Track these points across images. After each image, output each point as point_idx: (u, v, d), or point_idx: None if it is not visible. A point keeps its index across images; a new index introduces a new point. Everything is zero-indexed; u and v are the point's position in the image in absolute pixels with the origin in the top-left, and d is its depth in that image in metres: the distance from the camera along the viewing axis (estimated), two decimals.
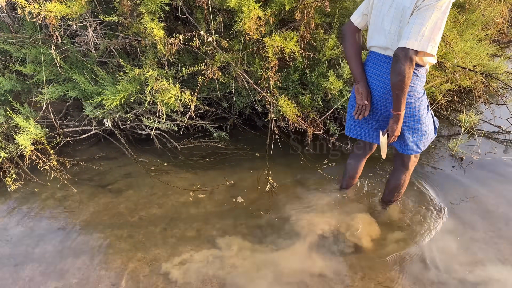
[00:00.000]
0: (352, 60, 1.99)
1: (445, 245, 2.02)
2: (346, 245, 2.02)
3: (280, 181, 2.50)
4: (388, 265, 1.90)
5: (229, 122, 3.05)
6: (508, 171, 2.57)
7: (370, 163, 2.49)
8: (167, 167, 2.68)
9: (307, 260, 1.94)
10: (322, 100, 2.89)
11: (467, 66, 3.29)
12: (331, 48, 2.85)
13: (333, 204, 2.31)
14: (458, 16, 3.87)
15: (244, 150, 2.84)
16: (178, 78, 2.85)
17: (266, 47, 2.65)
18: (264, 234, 2.11)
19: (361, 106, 1.99)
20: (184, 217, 2.25)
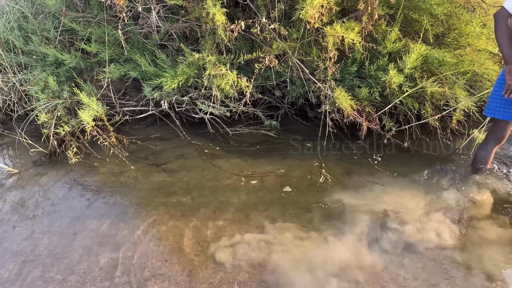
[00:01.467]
0: (505, 43, 2.15)
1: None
2: (400, 241, 1.97)
3: (331, 173, 2.47)
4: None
5: (281, 111, 3.04)
6: None
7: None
8: (219, 152, 2.72)
9: (358, 254, 1.90)
10: (379, 95, 2.81)
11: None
12: (393, 41, 2.75)
13: (384, 198, 2.25)
14: None
15: (295, 140, 2.82)
16: (234, 65, 2.87)
17: (326, 37, 2.61)
18: (313, 224, 2.10)
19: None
20: (234, 201, 2.28)
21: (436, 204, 2.21)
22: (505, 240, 1.96)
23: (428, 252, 1.90)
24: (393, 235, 2.02)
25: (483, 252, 1.89)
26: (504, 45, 2.16)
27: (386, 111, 2.84)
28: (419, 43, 2.63)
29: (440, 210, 2.16)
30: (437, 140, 2.78)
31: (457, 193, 2.29)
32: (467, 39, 2.86)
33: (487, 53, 2.83)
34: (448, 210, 2.16)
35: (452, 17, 2.90)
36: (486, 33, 2.87)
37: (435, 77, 2.65)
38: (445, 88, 2.77)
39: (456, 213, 2.14)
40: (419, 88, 2.72)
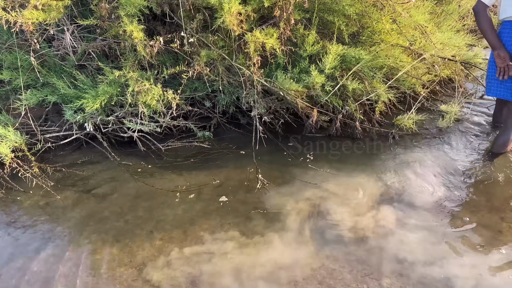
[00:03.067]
0: (489, 31, 2.44)
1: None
2: (336, 235, 2.03)
3: (267, 178, 2.49)
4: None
5: (213, 121, 3.03)
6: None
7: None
8: (152, 169, 2.65)
9: (297, 254, 1.93)
10: (306, 96, 2.89)
11: (446, 56, 3.34)
12: (311, 44, 2.85)
13: (319, 194, 2.31)
14: (435, 7, 3.92)
15: (229, 148, 2.82)
16: (159, 79, 2.82)
17: (248, 44, 2.64)
18: (254, 230, 2.10)
19: (504, 67, 2.46)
20: (171, 219, 2.23)
21: (369, 197, 2.31)
22: (426, 226, 2.08)
23: (362, 243, 1.97)
24: (330, 230, 2.07)
25: (412, 240, 2.00)
26: (488, 33, 2.46)
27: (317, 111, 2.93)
28: (334, 43, 2.74)
29: (374, 202, 2.26)
30: (365, 133, 2.90)
31: (389, 183, 2.41)
32: (380, 36, 3.04)
33: (399, 48, 3.02)
34: (381, 201, 2.27)
35: (364, 16, 3.06)
36: (396, 29, 3.06)
37: (350, 73, 2.77)
38: (365, 84, 2.92)
39: (388, 204, 2.24)
40: (339, 86, 2.84)
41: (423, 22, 3.34)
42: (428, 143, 2.78)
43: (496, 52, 2.49)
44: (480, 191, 2.29)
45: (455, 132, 2.88)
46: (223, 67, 2.80)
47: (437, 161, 2.57)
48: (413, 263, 1.84)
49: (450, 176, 2.42)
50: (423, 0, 3.61)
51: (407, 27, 3.21)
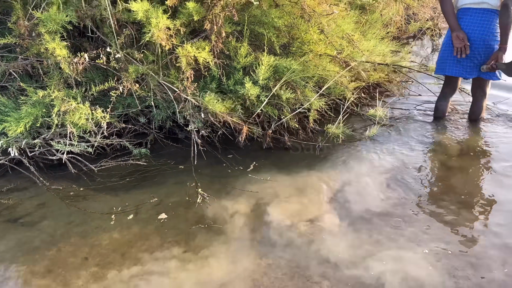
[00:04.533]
0: (450, 14, 2.83)
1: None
2: (278, 241, 2.04)
3: (208, 191, 2.47)
4: None
5: (149, 138, 2.96)
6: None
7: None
8: (84, 192, 2.52)
9: (240, 265, 1.92)
10: (242, 107, 2.92)
11: (375, 61, 3.53)
12: (244, 56, 2.89)
13: (258, 202, 2.33)
14: (360, 17, 4.14)
15: (167, 164, 2.76)
16: (88, 97, 2.71)
17: (179, 58, 2.62)
18: (195, 246, 2.07)
19: (461, 47, 2.81)
20: (107, 243, 2.13)
21: (310, 201, 2.36)
22: (363, 228, 2.17)
23: (304, 247, 2.01)
24: (272, 237, 2.09)
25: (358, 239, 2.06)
26: (450, 17, 2.83)
27: (252, 121, 2.96)
28: (265, 55, 2.80)
29: (315, 206, 2.31)
30: (302, 139, 2.96)
31: (327, 188, 2.48)
32: (309, 46, 3.14)
33: (327, 57, 3.14)
34: (321, 205, 2.32)
35: (294, 28, 3.16)
36: (323, 39, 3.19)
37: (280, 83, 2.83)
38: (298, 93, 3.01)
39: (329, 207, 2.30)
40: (272, 96, 2.90)
41: (350, 31, 3.52)
42: (359, 147, 2.90)
43: (455, 34, 2.83)
44: (415, 190, 2.42)
45: (386, 134, 3.03)
46: (155, 82, 2.75)
47: (372, 163, 2.69)
48: (341, 265, 1.90)
49: (385, 176, 2.55)
50: (347, 10, 3.80)
51: (335, 36, 3.36)
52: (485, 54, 2.84)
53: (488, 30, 2.79)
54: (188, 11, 2.68)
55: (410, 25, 4.70)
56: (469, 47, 2.82)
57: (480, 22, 2.79)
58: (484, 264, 1.82)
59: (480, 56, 2.85)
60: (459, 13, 2.90)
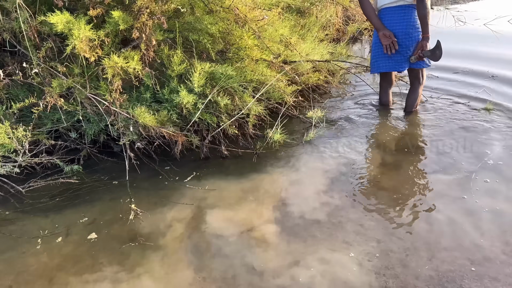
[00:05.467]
0: (373, 16, 3.02)
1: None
2: (219, 252, 2.00)
3: (143, 206, 2.39)
4: None
5: (82, 153, 2.83)
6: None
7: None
8: (12, 216, 2.37)
9: (177, 280, 1.87)
10: (179, 116, 2.86)
11: (313, 59, 3.57)
12: (178, 64, 2.83)
13: (196, 214, 2.28)
14: (297, 20, 4.19)
15: (101, 180, 2.65)
16: (12, 115, 2.55)
17: (106, 69, 2.52)
18: (129, 265, 1.99)
19: (389, 44, 3.00)
20: (34, 268, 2.00)
21: (247, 209, 2.33)
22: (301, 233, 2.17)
23: (237, 257, 1.98)
24: (207, 248, 2.04)
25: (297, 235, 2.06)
26: (373, 18, 3.02)
27: (191, 129, 2.91)
28: (196, 62, 2.76)
29: (253, 214, 2.29)
30: (243, 146, 2.94)
31: (267, 191, 2.46)
32: (245, 52, 3.13)
33: (264, 62, 3.14)
34: (259, 212, 2.30)
35: (229, 34, 3.13)
36: (258, 44, 3.19)
37: (215, 90, 2.80)
38: (236, 99, 2.98)
39: (268, 214, 2.29)
40: (210, 103, 2.86)
41: (286, 35, 3.55)
42: (297, 150, 2.91)
43: (381, 33, 3.02)
44: (350, 191, 2.45)
45: (325, 135, 3.07)
46: (83, 95, 2.64)
47: (310, 166, 2.71)
48: (268, 274, 1.89)
49: (322, 179, 2.56)
50: (282, 15, 3.83)
51: (271, 41, 3.37)
52: (412, 46, 3.05)
53: (409, 23, 3.00)
54: (114, 20, 2.59)
55: (349, 26, 4.81)
56: (396, 43, 3.03)
57: (401, 18, 3.00)
58: (413, 260, 1.86)
59: (408, 49, 3.05)
60: (381, 13, 3.09)
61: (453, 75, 4.04)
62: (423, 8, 2.86)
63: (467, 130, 2.98)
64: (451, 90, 3.72)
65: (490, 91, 3.60)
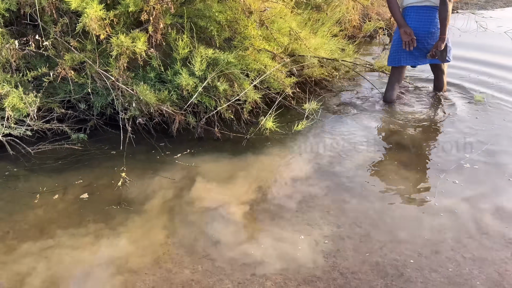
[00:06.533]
0: (397, 12, 3.22)
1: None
2: (192, 221, 2.19)
3: (136, 175, 2.61)
4: None
5: (90, 123, 3.08)
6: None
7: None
8: (18, 172, 2.65)
9: (148, 242, 2.07)
10: (181, 96, 3.05)
11: (320, 56, 3.67)
12: (183, 48, 3.02)
13: (180, 187, 2.47)
14: (312, 15, 4.28)
15: (101, 149, 2.90)
16: (30, 83, 2.83)
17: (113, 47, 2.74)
18: (114, 223, 2.21)
19: (409, 41, 3.21)
20: (30, 219, 2.26)
21: (227, 189, 2.51)
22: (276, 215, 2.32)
23: (206, 228, 2.16)
24: (183, 218, 2.23)
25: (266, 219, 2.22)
26: (397, 15, 3.22)
27: (190, 111, 3.10)
28: (197, 47, 2.94)
29: (229, 191, 2.46)
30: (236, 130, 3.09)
31: (249, 173, 2.63)
32: (250, 41, 3.28)
33: (266, 52, 3.28)
34: (237, 190, 2.47)
35: (236, 23, 3.29)
36: (263, 34, 3.33)
37: (214, 74, 2.96)
38: (235, 85, 3.15)
39: (250, 197, 2.45)
40: (211, 87, 3.04)
41: (295, 28, 3.66)
42: (287, 139, 3.01)
43: (402, 30, 3.22)
44: (326, 180, 2.57)
45: (316, 127, 3.17)
46: (93, 70, 2.87)
47: (295, 155, 2.84)
48: (225, 247, 2.05)
49: (303, 167, 2.70)
50: (296, 8, 3.94)
51: (280, 33, 3.50)
52: (432, 44, 3.26)
53: (431, 23, 3.20)
54: (125, 2, 2.80)
55: (366, 24, 4.84)
56: (415, 41, 3.22)
57: (424, 18, 3.20)
58: (366, 247, 1.98)
59: (429, 46, 3.27)
60: (405, 11, 3.26)
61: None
62: (444, 11, 3.04)
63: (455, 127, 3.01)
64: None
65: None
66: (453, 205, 2.24)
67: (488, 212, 2.18)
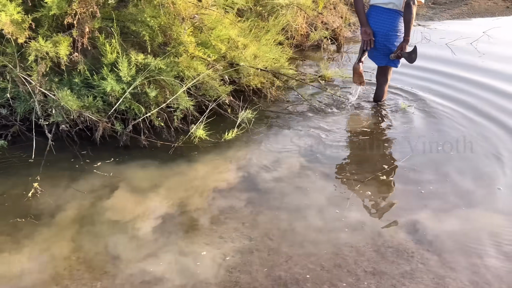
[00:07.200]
0: (361, 12, 3.31)
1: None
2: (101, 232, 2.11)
3: (51, 185, 2.50)
4: None
5: (12, 129, 2.94)
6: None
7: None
8: None
9: (52, 255, 1.98)
10: (108, 103, 2.96)
11: (255, 66, 3.65)
12: (110, 52, 2.93)
13: (94, 198, 2.39)
14: (258, 22, 4.28)
15: (19, 157, 2.77)
16: None
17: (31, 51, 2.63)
18: (20, 235, 2.12)
19: (368, 41, 3.31)
20: None
21: (142, 200, 2.44)
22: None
23: (110, 242, 2.09)
24: (91, 230, 2.15)
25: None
26: (360, 13, 3.32)
27: (119, 118, 3.01)
28: (132, 53, 2.87)
29: (144, 203, 2.40)
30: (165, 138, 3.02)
31: (169, 184, 2.57)
32: (184, 47, 3.23)
33: (199, 59, 3.24)
34: (152, 202, 2.41)
35: (170, 29, 3.23)
36: (200, 40, 3.29)
37: (139, 81, 2.90)
38: (167, 92, 3.09)
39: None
40: (141, 94, 2.98)
41: (234, 36, 3.64)
42: (216, 148, 2.95)
43: (363, 29, 3.32)
44: (244, 191, 2.54)
45: (246, 137, 3.15)
46: (14, 74, 2.75)
47: (219, 164, 2.80)
48: (125, 263, 1.99)
49: (226, 178, 2.67)
50: (238, 16, 3.93)
51: (217, 40, 3.47)
52: (389, 47, 3.33)
53: (391, 27, 3.27)
54: (48, 5, 2.70)
55: (313, 33, 4.88)
56: (373, 42, 3.32)
57: (385, 20, 3.27)
58: (272, 260, 1.97)
59: (387, 48, 3.34)
60: (370, 10, 3.36)
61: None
62: (409, 13, 3.13)
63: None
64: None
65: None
66: (362, 217, 2.25)
67: (397, 225, 2.21)
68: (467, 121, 3.33)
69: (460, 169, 2.70)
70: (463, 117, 3.39)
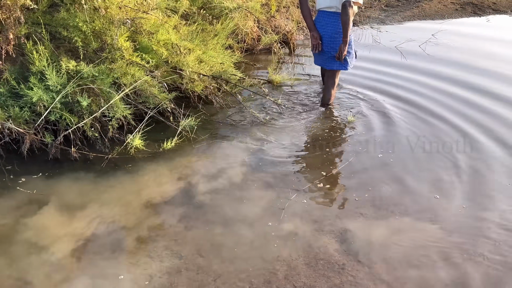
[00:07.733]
0: (308, 17, 3.42)
1: None
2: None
3: None
4: None
5: None
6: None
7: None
8: None
9: None
10: (37, 113, 2.78)
11: (198, 71, 3.55)
12: (38, 60, 2.76)
13: (18, 218, 2.23)
14: (205, 26, 4.17)
15: None
16: None
17: None
18: None
19: (316, 45, 3.43)
20: None
21: (75, 218, 2.29)
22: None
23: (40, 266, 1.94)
24: (19, 252, 1.99)
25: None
26: (306, 18, 3.42)
27: (50, 129, 2.84)
28: (64, 59, 2.72)
29: (76, 221, 2.25)
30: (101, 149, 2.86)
31: (103, 200, 2.43)
32: (121, 53, 3.08)
33: (137, 65, 3.10)
34: (86, 220, 2.27)
35: (105, 34, 3.08)
36: (135, 46, 3.16)
37: (68, 88, 2.76)
38: (102, 100, 2.94)
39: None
40: (76, 103, 2.82)
41: (176, 40, 3.52)
42: (155, 158, 2.82)
43: (311, 33, 3.43)
44: (186, 204, 2.44)
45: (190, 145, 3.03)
46: None
47: (159, 177, 2.68)
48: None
49: (162, 192, 2.55)
50: (182, 20, 3.81)
51: (157, 44, 3.34)
52: (337, 49, 3.40)
53: (335, 29, 3.36)
54: None
55: (263, 37, 4.82)
56: (321, 45, 3.41)
57: (330, 22, 3.37)
58: (200, 280, 1.88)
59: (334, 50, 3.42)
60: (318, 14, 3.45)
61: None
62: (344, 14, 3.19)
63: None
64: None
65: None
66: (295, 229, 2.19)
67: (329, 235, 2.16)
68: (419, 122, 3.33)
69: (399, 176, 2.66)
70: (413, 117, 3.40)
